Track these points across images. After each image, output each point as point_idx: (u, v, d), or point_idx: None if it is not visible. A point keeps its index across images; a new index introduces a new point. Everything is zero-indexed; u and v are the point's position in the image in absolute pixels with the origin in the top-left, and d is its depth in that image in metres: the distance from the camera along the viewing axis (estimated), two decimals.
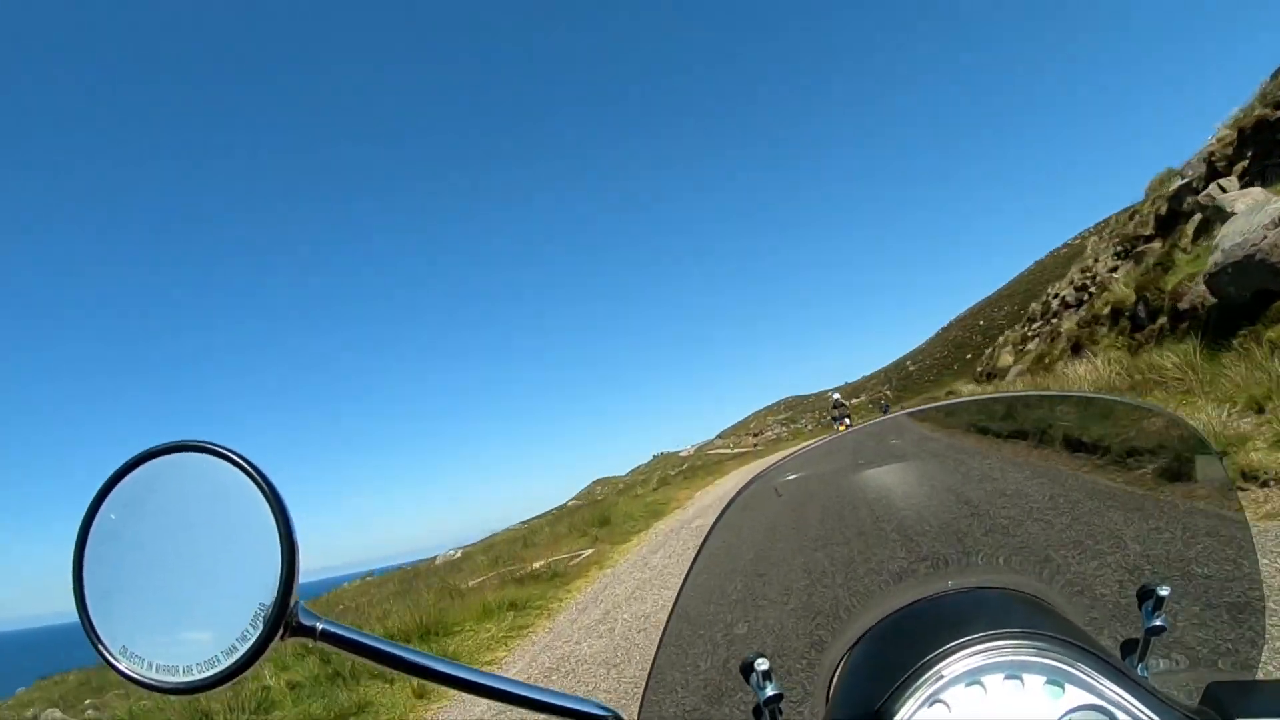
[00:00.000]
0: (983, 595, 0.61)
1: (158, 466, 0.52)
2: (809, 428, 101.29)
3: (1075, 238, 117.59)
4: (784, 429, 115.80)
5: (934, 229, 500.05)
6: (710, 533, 0.61)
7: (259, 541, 0.50)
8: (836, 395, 22.93)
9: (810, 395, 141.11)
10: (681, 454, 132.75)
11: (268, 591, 0.49)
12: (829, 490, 0.70)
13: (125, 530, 0.52)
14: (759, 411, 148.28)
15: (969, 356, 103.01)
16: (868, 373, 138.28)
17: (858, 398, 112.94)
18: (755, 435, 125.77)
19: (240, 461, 0.51)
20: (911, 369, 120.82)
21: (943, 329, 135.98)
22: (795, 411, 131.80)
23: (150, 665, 0.49)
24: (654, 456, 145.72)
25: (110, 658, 0.49)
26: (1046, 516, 0.71)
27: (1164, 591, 0.57)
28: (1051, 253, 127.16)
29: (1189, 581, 0.67)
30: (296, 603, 0.49)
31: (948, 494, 0.71)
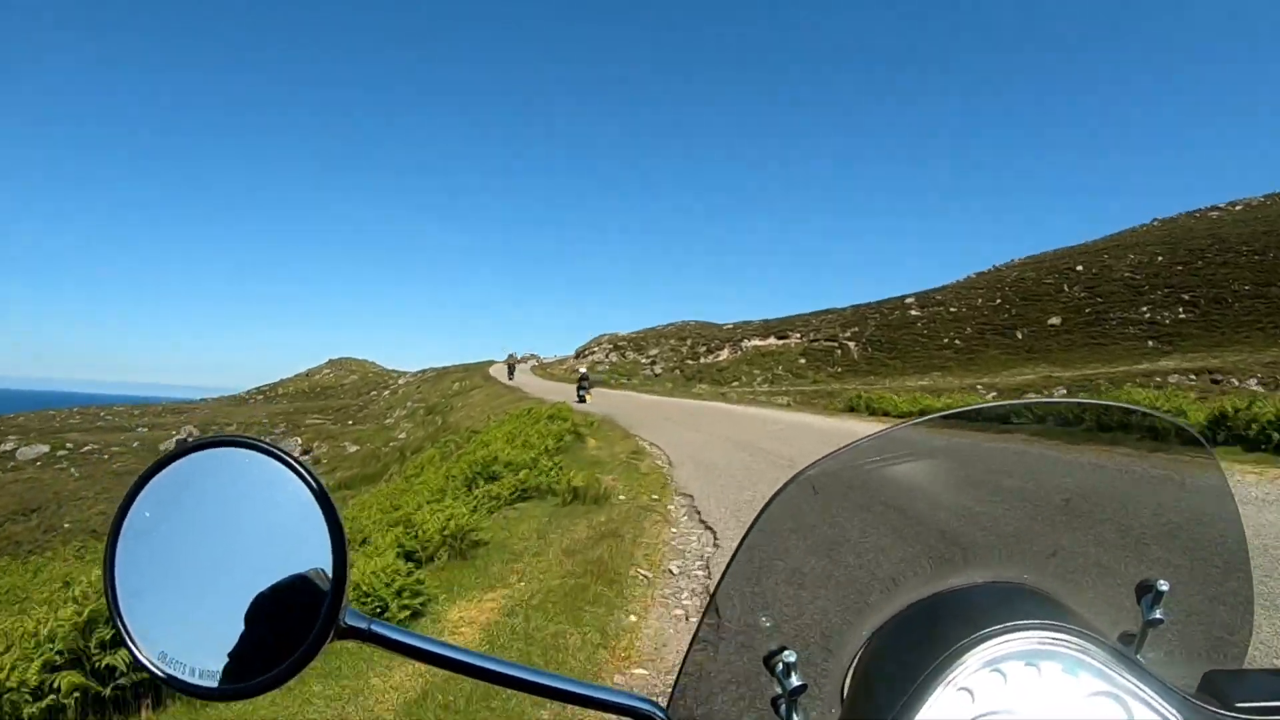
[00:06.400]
0: (998, 589, 0.64)
1: (196, 462, 0.50)
2: (637, 380, 50.44)
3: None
4: (594, 370, 63.16)
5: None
6: (749, 530, 0.61)
7: (306, 543, 0.48)
8: (583, 369, 22.80)
9: (725, 326, 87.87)
10: (529, 364, 79.59)
11: (318, 593, 0.47)
12: (859, 486, 0.72)
13: (160, 529, 0.49)
14: (657, 327, 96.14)
15: (1024, 327, 50.38)
16: (825, 307, 75.21)
17: (786, 338, 61.42)
18: (579, 357, 77.58)
19: (287, 459, 0.50)
20: (915, 314, 60.58)
21: (999, 267, 72.10)
22: (672, 347, 79.44)
23: (192, 670, 0.46)
24: (510, 356, 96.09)
25: (149, 663, 0.47)
26: (1053, 516, 0.74)
27: (1163, 586, 0.60)
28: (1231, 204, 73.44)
29: (1186, 577, 0.69)
30: (347, 604, 0.48)
31: (963, 493, 0.75)
